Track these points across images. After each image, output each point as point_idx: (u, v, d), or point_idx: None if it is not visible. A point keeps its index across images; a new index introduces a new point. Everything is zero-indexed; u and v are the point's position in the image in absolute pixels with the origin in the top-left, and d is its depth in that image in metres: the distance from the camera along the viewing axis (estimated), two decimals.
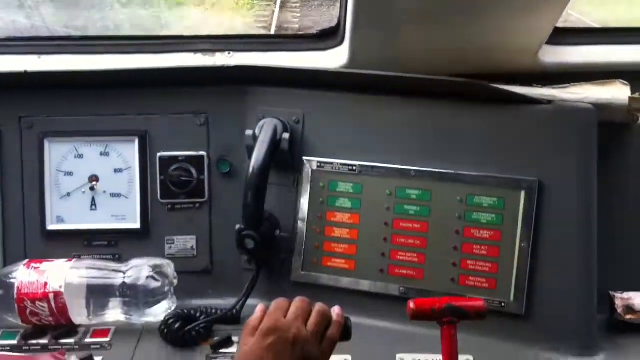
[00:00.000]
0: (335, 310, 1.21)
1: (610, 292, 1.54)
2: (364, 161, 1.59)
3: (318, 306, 1.20)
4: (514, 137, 1.52)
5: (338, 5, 1.66)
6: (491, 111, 1.53)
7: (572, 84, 1.58)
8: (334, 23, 1.72)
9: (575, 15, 2.42)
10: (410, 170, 1.56)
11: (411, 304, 1.24)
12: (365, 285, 1.57)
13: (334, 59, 1.71)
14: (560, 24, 1.60)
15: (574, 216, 1.48)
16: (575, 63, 1.69)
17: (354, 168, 1.59)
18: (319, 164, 1.61)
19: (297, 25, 2.86)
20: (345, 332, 1.20)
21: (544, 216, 1.48)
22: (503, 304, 1.48)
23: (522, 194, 1.48)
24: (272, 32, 2.84)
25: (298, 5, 2.96)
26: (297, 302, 1.20)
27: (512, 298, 1.48)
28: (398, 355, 1.43)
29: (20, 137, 1.70)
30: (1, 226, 1.69)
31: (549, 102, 1.51)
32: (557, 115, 1.50)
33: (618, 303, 1.52)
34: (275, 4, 3.01)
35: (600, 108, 1.52)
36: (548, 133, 1.50)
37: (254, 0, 3.06)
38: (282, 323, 1.14)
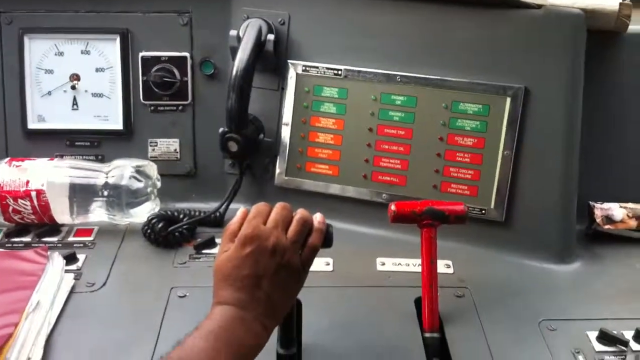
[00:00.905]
0: (317, 218, 1.18)
1: (590, 202, 1.56)
2: (350, 65, 1.56)
3: (299, 213, 1.16)
4: (501, 42, 1.49)
5: None
6: (480, 15, 1.50)
7: None
8: None
9: None
10: (396, 75, 1.54)
11: (392, 207, 1.26)
12: (348, 191, 1.57)
13: None
14: None
15: (558, 124, 1.47)
16: None
17: (340, 72, 1.57)
18: (304, 68, 1.59)
19: None
20: (327, 240, 1.18)
21: (528, 123, 1.48)
22: (483, 211, 1.50)
23: (508, 100, 1.47)
24: None
25: None
26: (278, 208, 1.16)
27: (492, 205, 1.49)
28: (378, 259, 1.45)
29: (0, 32, 1.66)
30: None
31: (539, 6, 1.48)
32: (545, 20, 1.47)
33: (597, 213, 1.54)
34: None
35: (590, 14, 1.49)
36: (536, 38, 1.47)
37: None
38: (261, 230, 1.11)
